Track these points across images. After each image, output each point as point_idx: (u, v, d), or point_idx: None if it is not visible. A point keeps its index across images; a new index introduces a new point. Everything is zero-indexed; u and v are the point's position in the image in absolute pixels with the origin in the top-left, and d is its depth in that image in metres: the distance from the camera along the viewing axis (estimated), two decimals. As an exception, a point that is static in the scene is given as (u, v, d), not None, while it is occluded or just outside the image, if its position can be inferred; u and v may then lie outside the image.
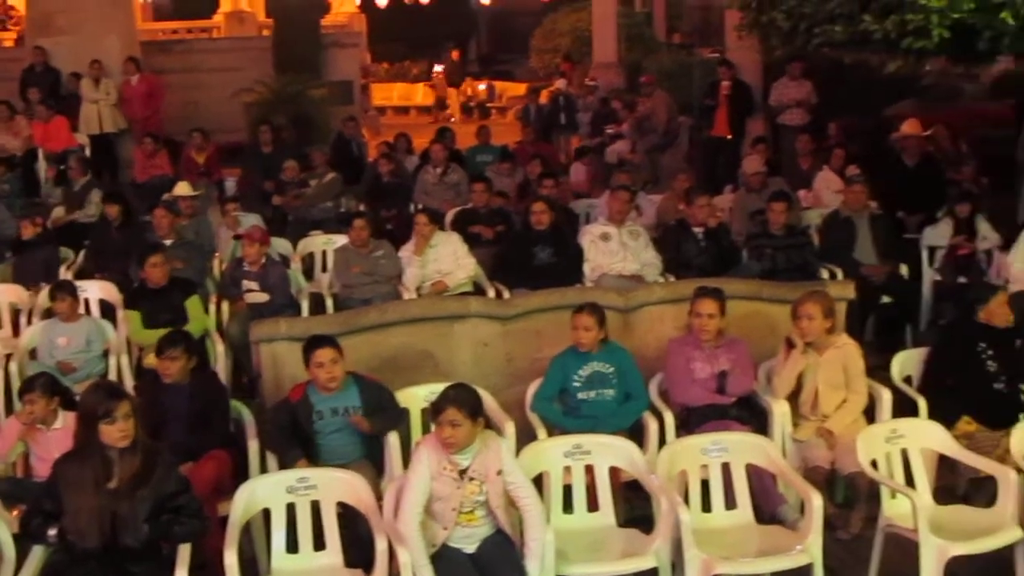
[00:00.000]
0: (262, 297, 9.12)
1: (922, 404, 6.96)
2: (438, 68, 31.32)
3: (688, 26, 28.52)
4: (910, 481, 6.16)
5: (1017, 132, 12.29)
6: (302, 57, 18.87)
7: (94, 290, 9.31)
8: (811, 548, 5.61)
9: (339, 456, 6.32)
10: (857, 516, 6.63)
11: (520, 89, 29.16)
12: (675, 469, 5.96)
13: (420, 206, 11.90)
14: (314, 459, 6.29)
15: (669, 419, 6.85)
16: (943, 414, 6.72)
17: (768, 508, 6.34)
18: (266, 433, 6.53)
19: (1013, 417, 6.69)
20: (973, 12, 6.23)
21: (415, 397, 6.78)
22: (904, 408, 7.06)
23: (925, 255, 10.35)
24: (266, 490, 5.73)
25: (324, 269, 10.53)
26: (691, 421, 6.87)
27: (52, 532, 5.19)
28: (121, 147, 15.95)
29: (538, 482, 5.86)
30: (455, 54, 30.33)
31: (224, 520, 5.63)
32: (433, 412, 5.48)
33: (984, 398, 6.90)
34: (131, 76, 15.96)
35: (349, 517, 5.84)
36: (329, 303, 9.42)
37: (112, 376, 8.02)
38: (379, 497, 5.74)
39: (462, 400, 5.41)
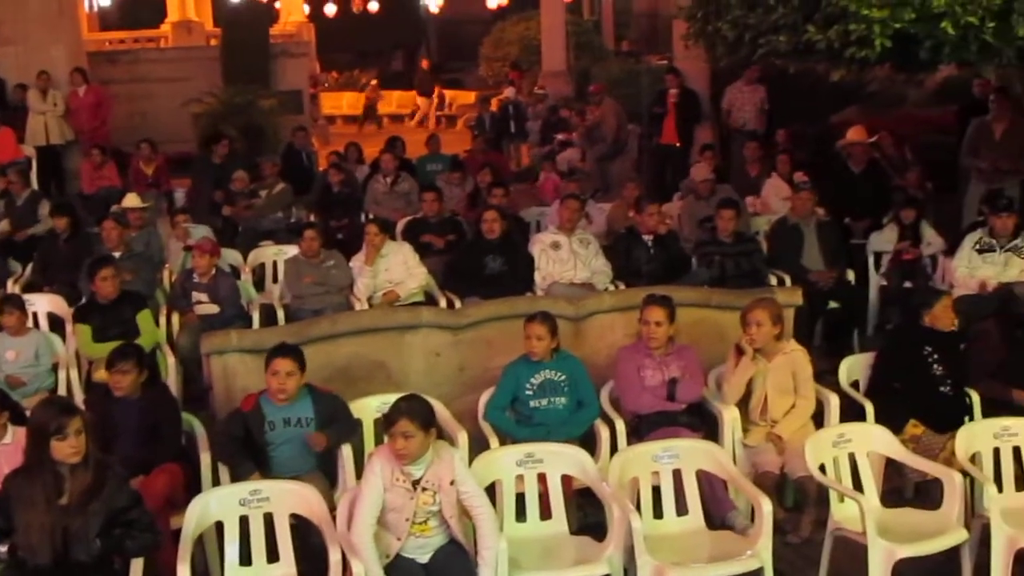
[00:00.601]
0: (212, 309, 9.09)
1: (869, 408, 7.05)
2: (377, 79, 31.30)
3: (636, 34, 28.63)
4: (858, 485, 6.23)
5: (960, 138, 12.45)
6: (251, 67, 18.82)
7: (42, 303, 9.23)
8: (761, 553, 5.67)
9: (292, 467, 6.31)
10: (807, 520, 6.69)
11: (470, 97, 29.22)
12: (626, 476, 6.00)
13: (370, 216, 11.92)
14: (266, 470, 6.27)
15: (620, 427, 6.90)
16: (890, 418, 6.81)
17: (719, 514, 6.39)
18: (217, 444, 6.50)
19: (959, 420, 6.81)
20: (914, 22, 6.32)
21: (367, 408, 6.78)
22: (852, 412, 7.15)
23: (871, 260, 10.49)
24: (219, 503, 5.71)
25: (275, 280, 10.50)
26: (642, 428, 6.92)
27: (3, 548, 5.15)
28: (68, 159, 15.83)
29: (491, 491, 5.88)
30: (425, 63, 30.26)
31: (177, 534, 5.60)
32: (385, 424, 5.49)
33: (930, 402, 7.00)
34: (78, 87, 15.84)
35: (302, 529, 5.83)
36: (280, 314, 9.40)
37: (62, 390, 7.95)
38: (332, 508, 5.74)
39: (414, 411, 5.42)
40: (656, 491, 6.08)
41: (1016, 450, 6.31)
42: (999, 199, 9.54)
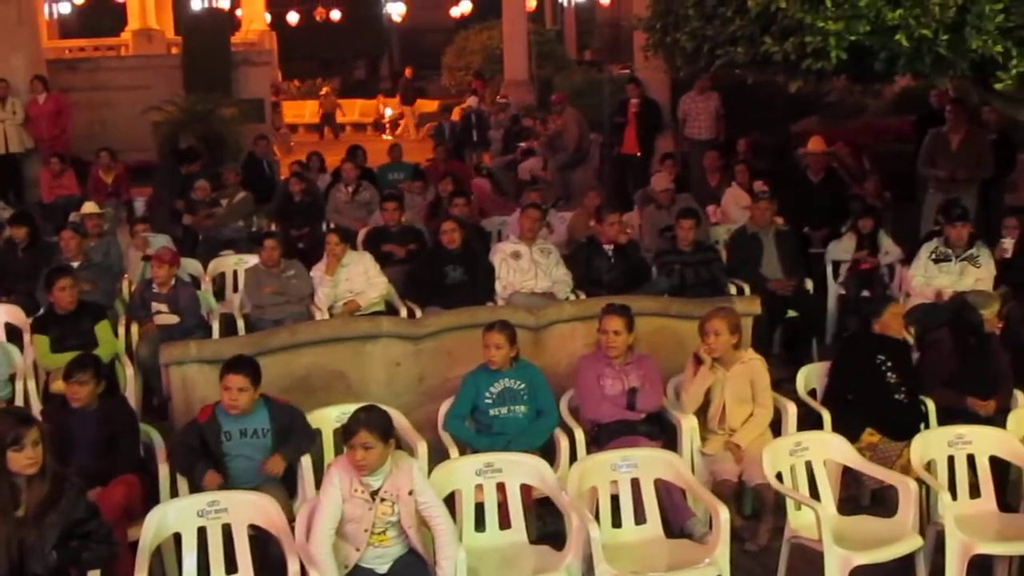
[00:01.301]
0: (172, 319, 9.05)
1: (826, 417, 7.11)
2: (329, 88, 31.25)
3: (598, 43, 28.79)
4: (815, 493, 6.28)
5: (917, 147, 12.59)
6: (212, 75, 18.77)
7: (0, 313, 9.16)
8: (719, 560, 5.70)
9: (250, 478, 6.29)
10: (764, 528, 6.74)
11: (432, 106, 29.25)
12: (585, 485, 6.03)
13: (332, 225, 11.90)
14: (224, 481, 6.25)
15: (580, 436, 6.92)
16: (846, 426, 6.87)
17: (677, 522, 6.43)
18: (174, 455, 6.47)
19: (914, 428, 6.88)
20: (869, 35, 6.40)
21: (327, 418, 6.78)
22: (809, 421, 7.20)
23: (830, 269, 10.57)
24: (176, 514, 5.68)
25: (235, 289, 10.45)
26: (602, 437, 6.95)
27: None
28: (28, 167, 15.74)
29: (450, 501, 5.90)
30: (408, 72, 30.16)
31: (134, 545, 5.57)
32: (345, 435, 5.49)
33: (885, 410, 7.07)
34: (38, 95, 15.75)
35: (261, 540, 5.81)
36: (240, 324, 9.37)
37: (19, 401, 7.89)
38: (292, 519, 5.73)
39: (373, 422, 5.43)
40: (615, 500, 6.11)
41: (970, 458, 6.39)
42: (954, 209, 9.63)
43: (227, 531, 5.67)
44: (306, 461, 6.45)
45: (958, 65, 6.52)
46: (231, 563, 5.66)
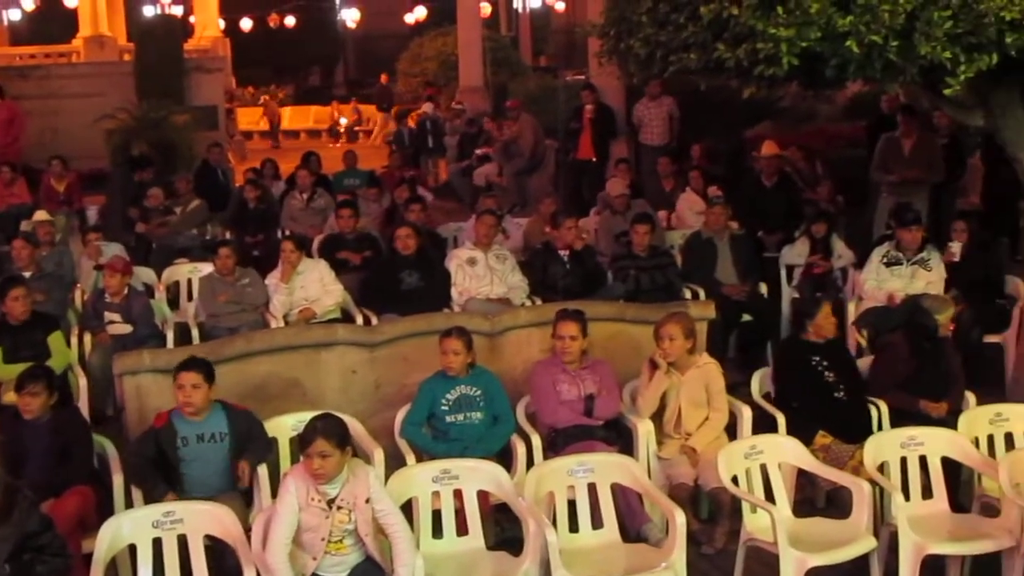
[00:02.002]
0: (125, 328, 8.98)
1: (780, 420, 7.16)
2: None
3: (553, 50, 28.85)
4: (770, 495, 6.33)
5: (870, 152, 12.71)
6: (165, 82, 18.68)
7: (-50, 324, 9.05)
8: (675, 564, 5.73)
9: (206, 487, 6.26)
10: (721, 531, 6.77)
11: (387, 112, 29.16)
12: (542, 491, 6.03)
13: (287, 232, 11.85)
14: (181, 489, 6.21)
15: (536, 441, 6.94)
16: (800, 429, 6.92)
17: (634, 527, 6.46)
18: (129, 465, 6.42)
19: (865, 429, 6.94)
20: (820, 41, 6.42)
21: (283, 426, 6.75)
22: (764, 424, 7.25)
23: (784, 274, 10.66)
24: (131, 525, 5.63)
25: (190, 298, 10.39)
26: (559, 442, 6.96)
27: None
28: (-23, 176, 15.50)
29: (408, 508, 5.89)
30: (384, 77, 29.97)
31: (88, 557, 5.51)
32: (301, 444, 5.47)
33: (828, 410, 7.14)
34: (-9, 103, 15.60)
35: (217, 550, 5.78)
36: (195, 333, 9.33)
37: (-30, 413, 7.80)
38: (248, 528, 5.70)
39: (330, 431, 5.41)
40: (572, 505, 6.13)
41: (923, 459, 6.45)
42: (907, 213, 9.73)
43: (183, 542, 5.63)
44: (263, 470, 6.42)
45: (908, 71, 6.56)
46: (187, 574, 5.62)
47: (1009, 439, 6.73)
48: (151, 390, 7.07)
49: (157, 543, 5.59)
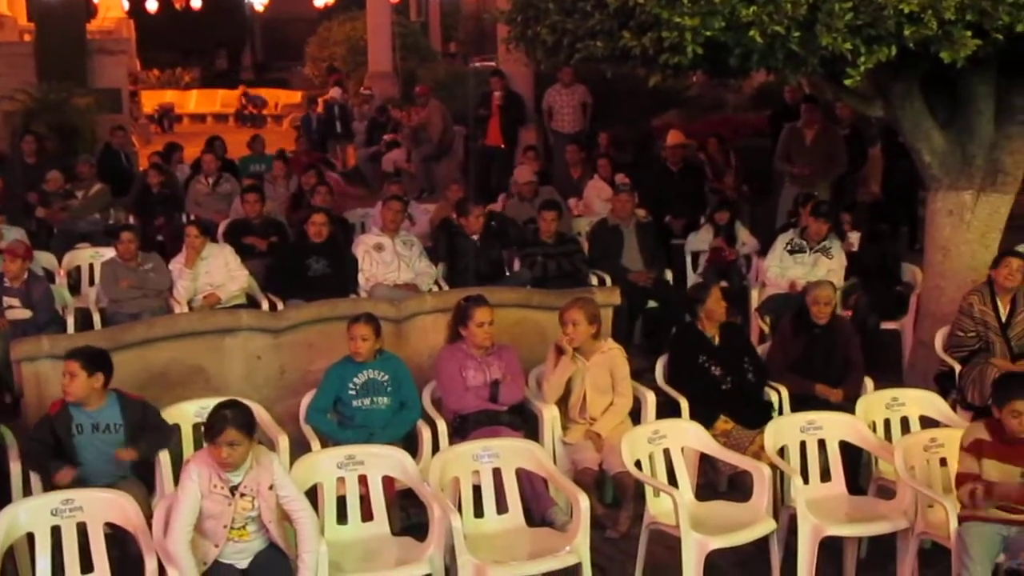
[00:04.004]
0: (24, 314, 8.80)
1: (684, 405, 7.25)
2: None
3: (463, 36, 28.77)
4: (673, 480, 6.40)
5: (773, 142, 12.90)
6: (66, 64, 18.25)
7: None
8: (579, 548, 5.78)
9: (106, 475, 6.15)
10: (625, 515, 6.83)
11: (295, 97, 28.96)
12: (447, 476, 6.04)
13: (191, 217, 11.71)
14: (81, 479, 6.11)
15: (442, 427, 6.94)
16: (702, 414, 7.02)
17: (539, 511, 6.48)
18: (26, 452, 6.30)
19: (767, 415, 7.06)
20: (724, 31, 6.49)
21: (185, 413, 6.67)
22: (669, 409, 7.33)
23: (689, 260, 10.78)
24: (29, 514, 5.52)
25: (91, 283, 10.21)
26: (465, 428, 6.97)
27: None
28: None
29: (312, 494, 5.86)
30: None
31: (-16, 547, 5.43)
32: (208, 432, 5.41)
33: (716, 402, 7.25)
34: None
35: (118, 538, 5.71)
36: (96, 318, 9.18)
37: None
38: (151, 516, 5.62)
39: (239, 419, 5.36)
40: (477, 490, 6.15)
41: (821, 442, 6.57)
42: (820, 205, 9.90)
43: (82, 530, 5.55)
44: (164, 457, 6.33)
45: (809, 62, 6.66)
46: (87, 563, 5.54)
47: (905, 423, 6.88)
48: (50, 377, 6.92)
49: (56, 531, 5.50)
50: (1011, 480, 5.67)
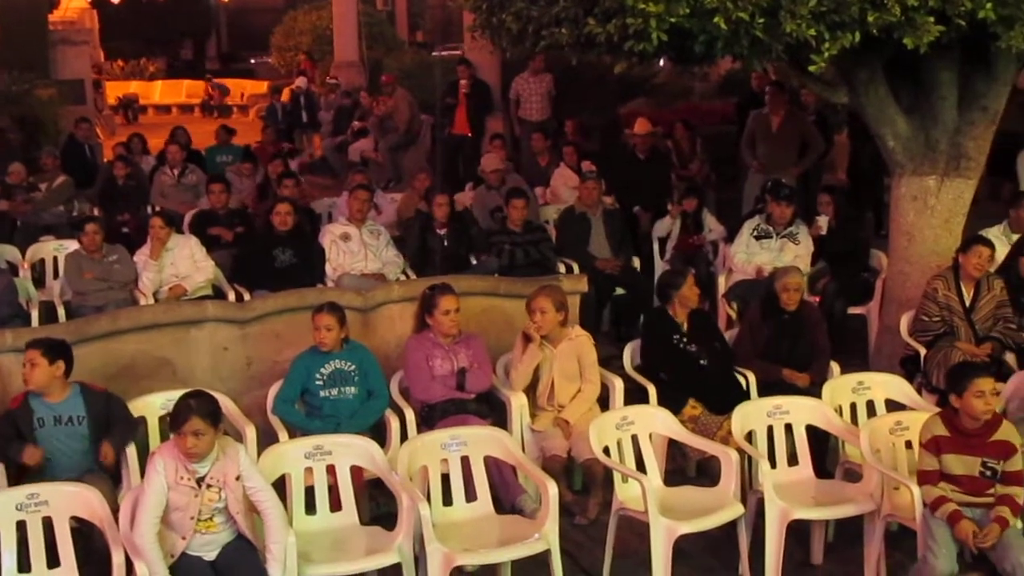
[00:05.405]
0: (-13, 307, 8.73)
1: (652, 391, 7.26)
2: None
3: (430, 25, 28.74)
4: (642, 466, 6.42)
5: (739, 130, 12.94)
6: (28, 55, 18.12)
7: None
8: (548, 535, 5.79)
9: (71, 468, 6.10)
10: (594, 502, 6.87)
11: (261, 87, 28.80)
12: (415, 465, 6.04)
13: (157, 208, 11.64)
14: (40, 473, 6.05)
15: (410, 416, 6.93)
16: (670, 400, 7.04)
17: (508, 499, 6.49)
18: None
19: (735, 400, 7.07)
20: (689, 17, 6.49)
21: (151, 405, 6.63)
22: (637, 396, 7.34)
23: (656, 247, 10.79)
24: (-7, 509, 5.50)
25: (56, 276, 10.13)
26: (432, 417, 6.97)
27: None
28: None
29: (281, 485, 5.85)
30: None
31: (-51, 543, 5.38)
32: (173, 422, 5.38)
33: (696, 379, 7.28)
34: None
35: (85, 532, 5.68)
36: (61, 311, 9.11)
37: None
38: (117, 509, 5.58)
39: (204, 409, 5.35)
40: (446, 479, 6.14)
41: (788, 427, 6.60)
42: (781, 189, 9.93)
43: (48, 524, 5.51)
44: (131, 450, 6.30)
45: (774, 48, 6.67)
46: (53, 557, 5.50)
47: (871, 407, 6.92)
48: (13, 371, 6.83)
49: (21, 526, 5.46)
50: (971, 472, 5.70)
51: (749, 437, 6.52)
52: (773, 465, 6.39)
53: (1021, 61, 7.64)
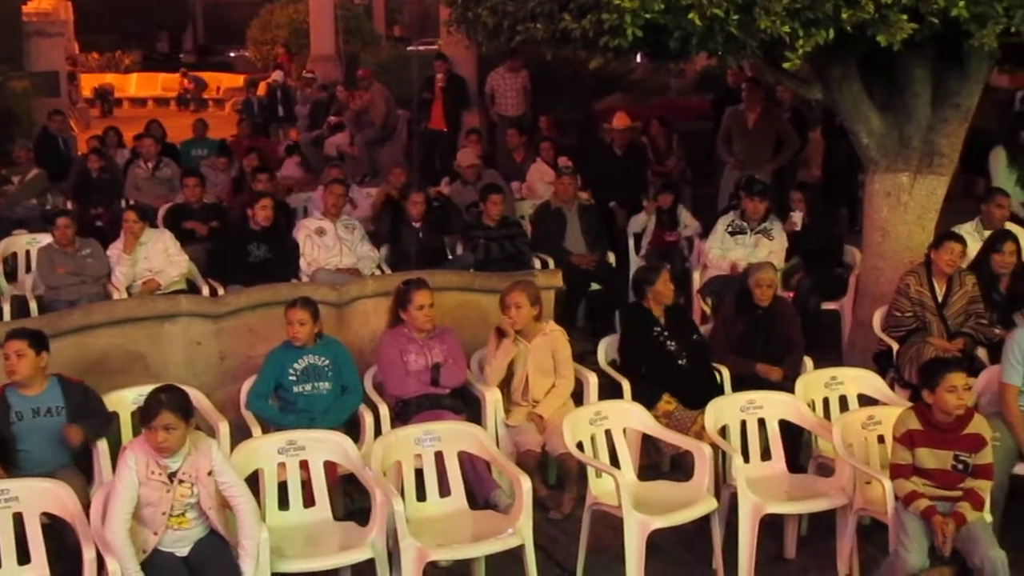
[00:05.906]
0: (-41, 302, 8.69)
1: (626, 386, 7.27)
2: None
3: (407, 19, 28.69)
4: (616, 461, 6.43)
5: (715, 126, 12.96)
6: (2, 47, 18.03)
7: None
8: (522, 530, 5.79)
9: (44, 461, 6.06)
10: (568, 497, 6.88)
11: (237, 81, 28.71)
12: (389, 460, 6.03)
13: (131, 202, 11.59)
14: (16, 467, 6.02)
15: (384, 411, 6.92)
16: (645, 395, 7.05)
17: (482, 494, 6.50)
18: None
19: (707, 394, 7.08)
20: (663, 13, 6.49)
21: (124, 400, 6.60)
22: (611, 391, 7.34)
23: (631, 243, 10.81)
24: (-37, 506, 5.47)
25: (28, 270, 10.07)
26: (407, 412, 6.95)
27: None
28: None
29: (254, 480, 5.83)
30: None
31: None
32: (144, 417, 5.35)
33: (674, 376, 7.29)
34: None
35: (56, 528, 5.64)
36: (33, 306, 9.07)
37: None
38: (89, 505, 5.57)
39: (175, 403, 5.32)
40: (419, 474, 6.14)
41: (761, 422, 6.62)
42: (755, 184, 9.96)
43: (19, 520, 5.48)
44: (102, 445, 6.26)
45: (749, 45, 6.68)
46: (24, 554, 5.47)
47: (843, 402, 6.95)
48: (-11, 363, 6.83)
49: (-8, 523, 5.44)
50: (944, 466, 5.74)
51: (723, 432, 6.54)
52: (746, 460, 6.40)
53: (994, 59, 7.69)
